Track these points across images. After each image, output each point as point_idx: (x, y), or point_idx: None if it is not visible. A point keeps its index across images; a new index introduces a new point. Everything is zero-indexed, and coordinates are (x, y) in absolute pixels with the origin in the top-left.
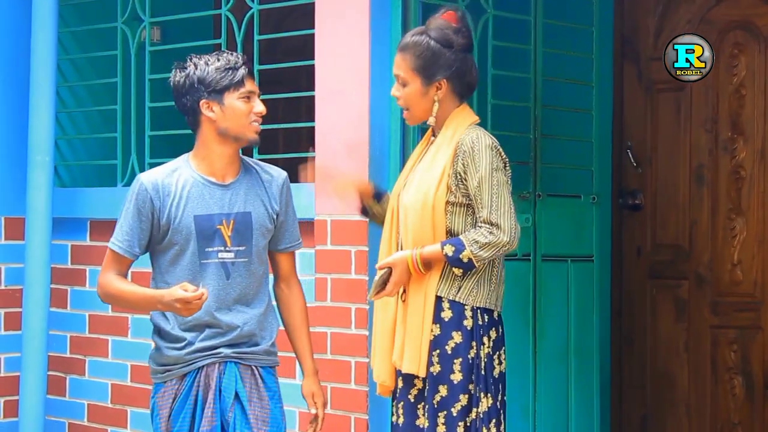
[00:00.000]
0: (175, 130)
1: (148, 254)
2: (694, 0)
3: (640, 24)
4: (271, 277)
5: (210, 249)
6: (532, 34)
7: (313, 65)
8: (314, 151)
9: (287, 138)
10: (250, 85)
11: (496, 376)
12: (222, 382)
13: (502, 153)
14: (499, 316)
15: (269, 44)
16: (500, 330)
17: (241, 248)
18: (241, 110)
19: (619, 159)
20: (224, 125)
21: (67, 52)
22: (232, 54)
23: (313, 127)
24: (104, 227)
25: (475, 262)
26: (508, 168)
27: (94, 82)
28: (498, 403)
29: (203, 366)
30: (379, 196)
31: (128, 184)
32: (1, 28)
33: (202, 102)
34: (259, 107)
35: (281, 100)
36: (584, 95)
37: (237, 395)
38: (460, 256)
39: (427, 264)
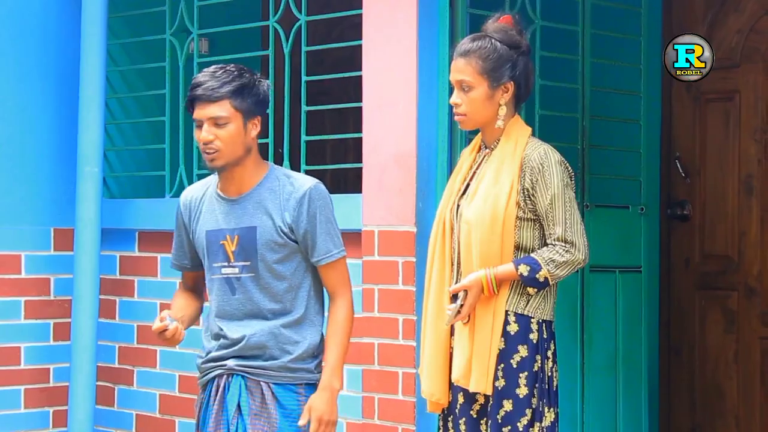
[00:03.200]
0: None
1: None
2: (744, 10)
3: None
4: None
5: (216, 264)
6: (579, 45)
7: (360, 76)
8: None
9: (334, 149)
10: (198, 112)
11: (555, 389)
12: (227, 394)
13: (569, 168)
14: (554, 327)
15: (317, 55)
16: (555, 342)
17: (246, 263)
18: (197, 138)
19: (667, 169)
20: None
21: (116, 64)
22: (206, 73)
23: (360, 138)
24: (152, 238)
25: (550, 281)
26: (573, 182)
27: (142, 94)
28: (556, 415)
29: (215, 377)
30: None
31: (176, 195)
32: (50, 40)
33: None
34: (201, 135)
35: (328, 111)
36: (632, 105)
37: (241, 409)
38: (537, 276)
39: (500, 284)
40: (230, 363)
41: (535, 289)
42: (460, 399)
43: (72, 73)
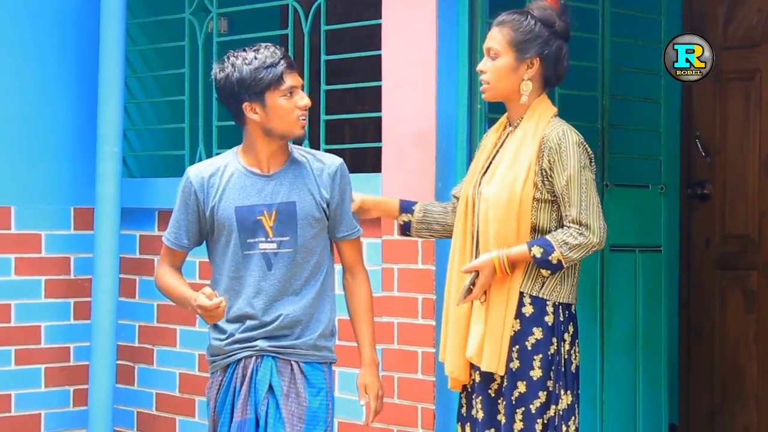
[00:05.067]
0: None
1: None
2: None
3: (709, 12)
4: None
5: (251, 240)
6: (599, 24)
7: (380, 56)
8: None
9: (353, 128)
10: (291, 80)
11: (573, 372)
12: (257, 375)
13: (589, 149)
14: (575, 309)
15: (336, 34)
16: (576, 324)
17: (284, 238)
18: (285, 108)
19: (687, 149)
20: (269, 125)
21: (135, 43)
22: (269, 48)
23: (379, 118)
24: None
25: (564, 263)
26: (593, 164)
27: (161, 73)
28: (574, 398)
29: (242, 358)
30: (406, 208)
31: None
32: (70, 20)
33: (244, 105)
34: (303, 101)
35: (348, 91)
36: (652, 84)
37: (273, 389)
38: (549, 257)
39: (513, 265)
40: (261, 344)
41: (549, 271)
42: (477, 377)
43: (91, 52)
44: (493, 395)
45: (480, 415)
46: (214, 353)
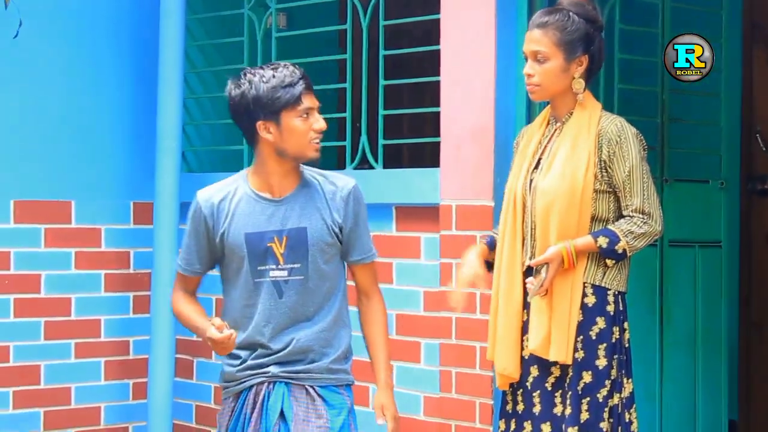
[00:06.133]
0: None
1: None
2: None
3: None
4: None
5: (262, 268)
6: (659, 18)
7: (438, 51)
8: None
9: (412, 123)
10: (308, 102)
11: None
12: (268, 401)
13: (644, 140)
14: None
15: (394, 30)
16: (627, 313)
17: (295, 266)
18: (300, 130)
19: (747, 143)
20: (282, 146)
21: (194, 39)
22: (287, 68)
23: (437, 113)
24: None
25: (628, 253)
26: (646, 154)
27: (221, 69)
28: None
29: (254, 384)
30: (489, 243)
31: None
32: (129, 16)
33: (258, 123)
34: (319, 124)
35: (406, 86)
36: (712, 79)
37: (284, 416)
38: (615, 247)
39: (579, 256)
40: (273, 369)
41: (613, 261)
42: (534, 372)
43: (150, 48)
44: (550, 388)
45: (537, 408)
46: (227, 379)
